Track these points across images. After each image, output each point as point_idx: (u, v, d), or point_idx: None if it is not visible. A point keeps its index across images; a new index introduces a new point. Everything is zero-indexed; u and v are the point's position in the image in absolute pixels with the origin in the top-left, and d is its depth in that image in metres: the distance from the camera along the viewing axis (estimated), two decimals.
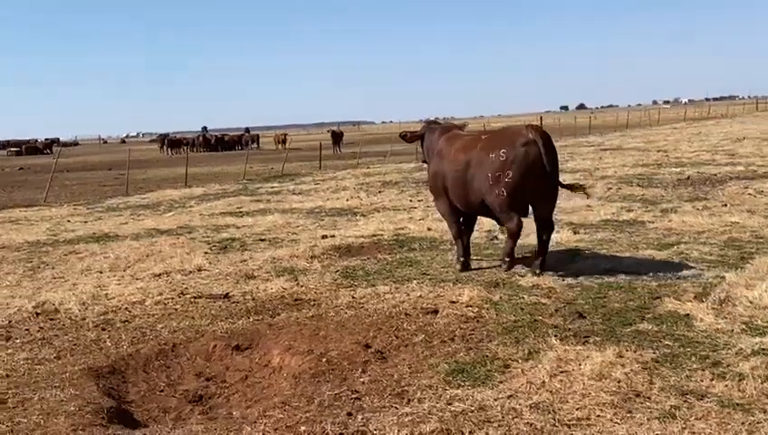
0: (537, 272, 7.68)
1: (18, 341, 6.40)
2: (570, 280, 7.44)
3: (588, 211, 12.09)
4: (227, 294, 7.63)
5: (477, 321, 6.06)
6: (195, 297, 7.57)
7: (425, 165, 9.04)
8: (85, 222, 14.76)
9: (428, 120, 9.37)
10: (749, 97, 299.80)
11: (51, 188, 22.05)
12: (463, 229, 8.43)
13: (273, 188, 20.88)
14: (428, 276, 7.95)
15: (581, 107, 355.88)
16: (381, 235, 10.96)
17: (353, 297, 7.08)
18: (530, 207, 7.71)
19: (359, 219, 12.98)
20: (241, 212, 15.15)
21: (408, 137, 9.11)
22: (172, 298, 7.58)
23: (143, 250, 10.52)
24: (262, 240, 11.22)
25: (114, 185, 26.03)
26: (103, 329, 6.62)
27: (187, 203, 17.54)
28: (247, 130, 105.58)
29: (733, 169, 17.91)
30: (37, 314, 7.21)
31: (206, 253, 10.18)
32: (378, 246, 9.97)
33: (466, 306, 6.45)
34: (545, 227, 7.75)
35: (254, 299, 7.36)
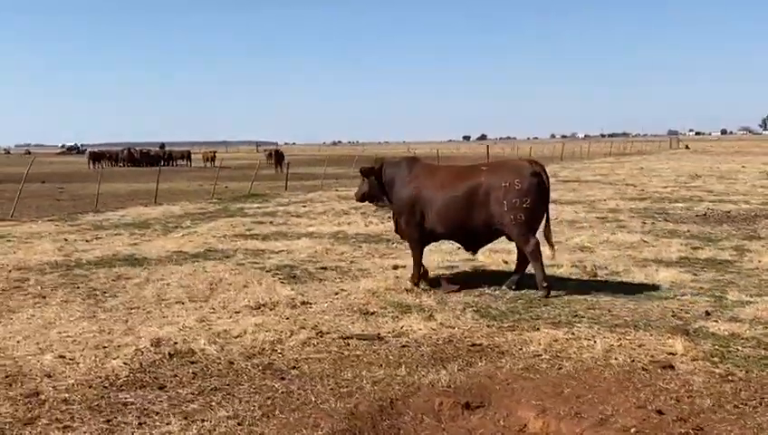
0: (513, 288, 8.48)
1: (183, 392, 5.35)
2: None
3: (649, 246, 11.82)
4: (379, 334, 6.77)
5: (733, 381, 5.45)
6: (342, 338, 6.71)
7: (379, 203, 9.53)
8: (87, 240, 13.56)
9: (379, 157, 9.96)
10: (641, 134, 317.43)
11: (3, 203, 20.26)
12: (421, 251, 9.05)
13: (260, 208, 19.93)
14: (585, 317, 7.33)
15: (483, 137, 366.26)
16: (455, 267, 10.31)
17: (540, 343, 6.36)
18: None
19: (403, 247, 12.21)
20: (257, 235, 14.24)
21: (366, 170, 9.43)
22: (313, 338, 6.71)
23: (203, 277, 9.58)
24: (324, 268, 10.42)
25: (70, 200, 24.45)
26: (279, 376, 5.67)
27: (182, 223, 16.46)
28: (162, 145, 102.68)
29: (737, 206, 18.19)
30: (170, 355, 6.19)
31: (282, 282, 9.28)
32: (465, 280, 9.31)
33: (695, 360, 5.86)
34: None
35: (421, 343, 6.55)
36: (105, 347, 6.49)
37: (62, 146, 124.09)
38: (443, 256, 11.14)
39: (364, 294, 8.57)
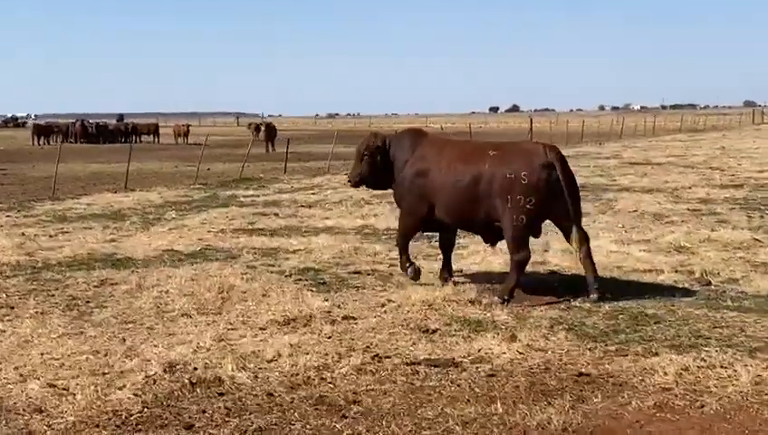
0: (595, 294, 8.47)
1: (219, 433, 5.12)
2: None
3: (765, 247, 11.58)
4: (453, 359, 6.56)
5: None
6: (407, 363, 6.53)
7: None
8: (50, 235, 13.49)
9: (375, 132, 10.15)
10: (710, 106, 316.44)
11: None
12: (446, 245, 9.59)
13: (258, 197, 19.82)
14: (713, 339, 7.12)
15: (514, 109, 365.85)
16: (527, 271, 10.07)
17: (665, 373, 6.14)
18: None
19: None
20: (263, 230, 14.12)
21: (370, 149, 9.59)
22: (369, 363, 6.54)
23: (208, 283, 9.44)
24: (358, 273, 10.29)
25: (17, 184, 24.57)
26: (339, 414, 5.48)
27: (165, 214, 16.40)
28: (121, 117, 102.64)
29: None
30: (191, 383, 6.01)
31: (310, 290, 9.15)
32: (540, 289, 9.20)
33: None
34: (580, 241, 8.67)
35: (510, 371, 6.35)
36: (105, 373, 6.30)
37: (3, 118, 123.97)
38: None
39: (418, 306, 8.40)
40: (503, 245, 9.16)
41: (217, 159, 34.43)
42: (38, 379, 6.15)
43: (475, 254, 11.38)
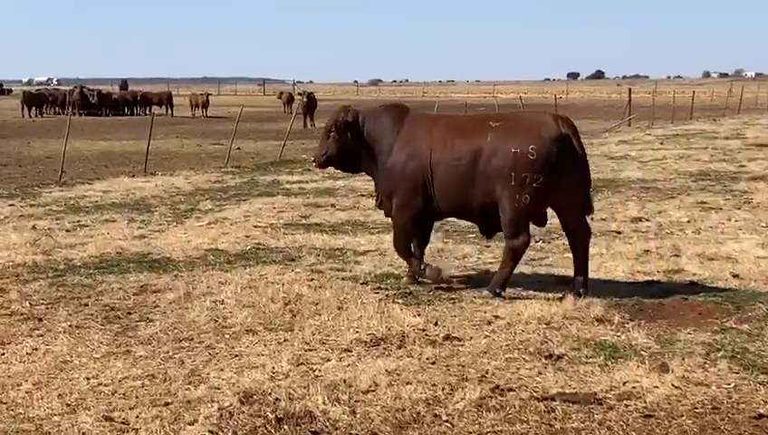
0: (581, 292, 8.91)
1: None
2: None
3: None
4: (595, 395, 6.49)
5: None
6: (537, 398, 6.46)
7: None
8: (67, 230, 13.66)
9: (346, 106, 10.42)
10: None
11: None
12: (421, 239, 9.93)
13: (306, 183, 19.97)
14: None
15: (598, 75, 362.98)
16: (657, 280, 10.12)
17: None
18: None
19: (558, 249, 11.93)
20: (321, 225, 14.19)
21: (341, 125, 9.85)
22: (489, 397, 6.49)
23: (269, 292, 9.56)
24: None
25: (14, 166, 25.05)
26: None
27: (199, 204, 16.54)
28: (125, 83, 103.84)
29: None
30: (278, 419, 6.01)
31: (395, 302, 9.19)
32: (682, 306, 9.05)
33: None
34: (581, 235, 9.21)
35: (670, 412, 6.24)
36: (168, 403, 6.31)
37: (29, 82, 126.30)
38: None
39: (534, 324, 8.35)
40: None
41: (245, 136, 34.49)
42: (89, 409, 6.18)
43: (591, 259, 11.22)
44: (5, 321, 8.48)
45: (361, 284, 9.99)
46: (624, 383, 6.71)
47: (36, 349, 7.59)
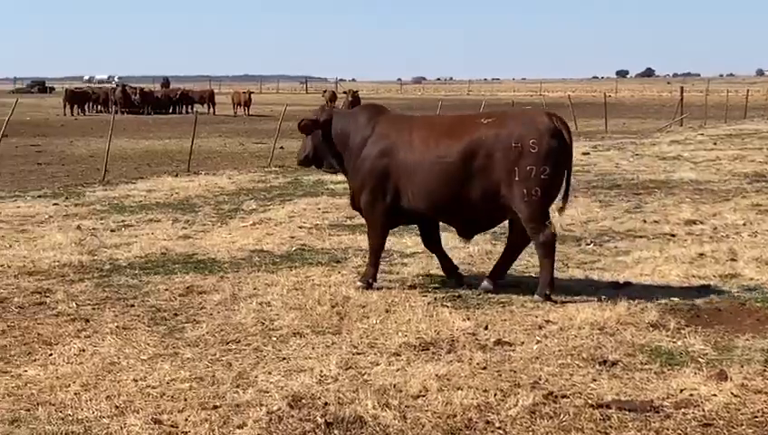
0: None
1: None
2: None
3: None
4: (652, 403, 6.48)
5: None
6: (591, 405, 6.48)
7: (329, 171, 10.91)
8: (112, 229, 13.83)
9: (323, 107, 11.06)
10: None
11: None
12: (427, 243, 10.36)
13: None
14: None
15: (648, 74, 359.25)
16: (712, 285, 10.09)
17: None
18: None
19: (610, 252, 11.86)
20: (363, 227, 13.95)
21: (306, 126, 10.24)
22: (542, 403, 6.50)
23: (315, 294, 9.67)
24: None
25: (57, 164, 25.36)
26: None
27: (243, 204, 16.67)
28: (166, 81, 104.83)
29: None
30: (327, 424, 6.05)
31: (444, 305, 9.25)
32: (740, 311, 9.01)
33: None
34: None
35: (730, 421, 6.19)
36: (216, 407, 6.35)
37: (90, 79, 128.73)
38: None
39: (587, 329, 8.32)
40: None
41: (288, 136, 34.50)
42: (137, 412, 6.22)
43: (643, 262, 11.21)
44: (53, 321, 8.58)
45: (409, 286, 10.00)
46: (681, 391, 6.66)
47: (84, 350, 7.66)
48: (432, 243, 10.29)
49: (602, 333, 8.16)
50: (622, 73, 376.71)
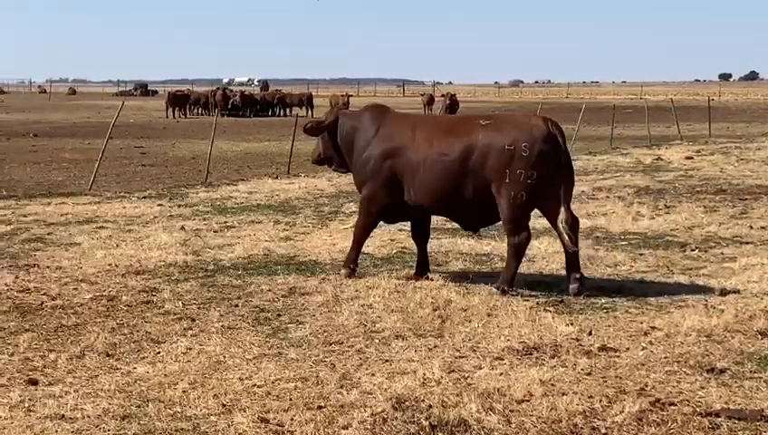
0: (575, 285, 9.58)
1: None
2: None
3: None
4: (762, 412, 6.35)
5: None
6: (700, 413, 6.40)
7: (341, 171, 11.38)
8: (215, 230, 14.15)
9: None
10: None
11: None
12: (416, 236, 10.75)
13: None
14: None
15: (752, 77, 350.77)
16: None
17: None
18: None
19: (716, 258, 11.70)
20: (457, 229, 14.04)
21: (312, 128, 10.86)
22: (650, 411, 6.42)
23: (417, 297, 9.72)
24: (599, 288, 10.03)
25: (160, 166, 25.95)
26: None
27: (342, 207, 16.96)
28: (265, 84, 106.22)
29: None
30: (432, 426, 6.12)
31: (547, 310, 9.20)
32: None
33: None
34: (572, 225, 9.58)
35: None
36: (321, 407, 6.41)
37: (229, 82, 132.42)
38: None
39: (693, 336, 8.21)
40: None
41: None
42: (244, 410, 6.31)
43: (751, 268, 11.00)
44: (160, 320, 8.78)
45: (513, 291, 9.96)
46: None
47: (190, 348, 7.82)
48: (420, 236, 10.67)
49: (710, 341, 8.05)
50: (725, 76, 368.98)
